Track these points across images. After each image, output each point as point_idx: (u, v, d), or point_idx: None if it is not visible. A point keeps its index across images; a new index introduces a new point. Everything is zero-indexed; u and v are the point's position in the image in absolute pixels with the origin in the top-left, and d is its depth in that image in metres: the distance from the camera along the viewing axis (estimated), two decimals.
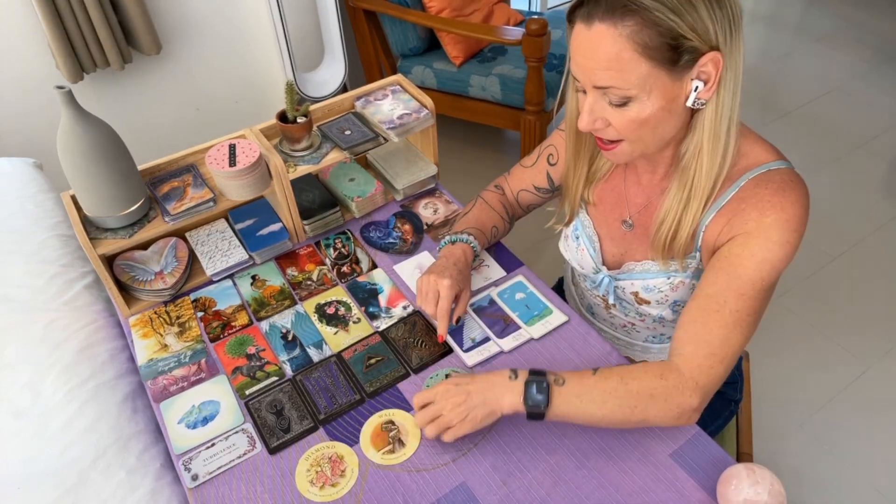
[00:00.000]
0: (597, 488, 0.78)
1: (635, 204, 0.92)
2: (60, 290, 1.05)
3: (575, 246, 0.99)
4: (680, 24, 0.68)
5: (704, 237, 0.83)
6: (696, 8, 0.68)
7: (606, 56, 0.70)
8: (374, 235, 1.13)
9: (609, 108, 0.75)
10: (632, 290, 0.92)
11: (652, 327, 0.99)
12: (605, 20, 0.69)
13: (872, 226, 2.11)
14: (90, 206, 0.94)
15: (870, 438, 1.58)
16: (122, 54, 1.76)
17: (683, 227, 0.83)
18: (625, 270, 0.93)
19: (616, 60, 0.70)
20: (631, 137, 0.77)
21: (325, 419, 0.87)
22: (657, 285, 0.89)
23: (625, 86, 0.72)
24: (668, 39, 0.69)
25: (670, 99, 0.74)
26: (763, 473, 0.72)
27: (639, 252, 0.92)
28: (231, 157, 1.00)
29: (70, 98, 0.87)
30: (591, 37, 0.71)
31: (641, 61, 0.70)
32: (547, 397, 0.77)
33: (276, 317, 1.01)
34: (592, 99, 0.76)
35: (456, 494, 0.79)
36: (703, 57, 0.71)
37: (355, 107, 1.16)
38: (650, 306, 0.92)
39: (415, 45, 2.16)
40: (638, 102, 0.73)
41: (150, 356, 0.96)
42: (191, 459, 0.83)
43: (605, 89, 0.73)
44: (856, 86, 2.73)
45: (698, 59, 0.71)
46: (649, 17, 0.68)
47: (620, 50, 0.69)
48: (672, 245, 0.85)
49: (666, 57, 0.70)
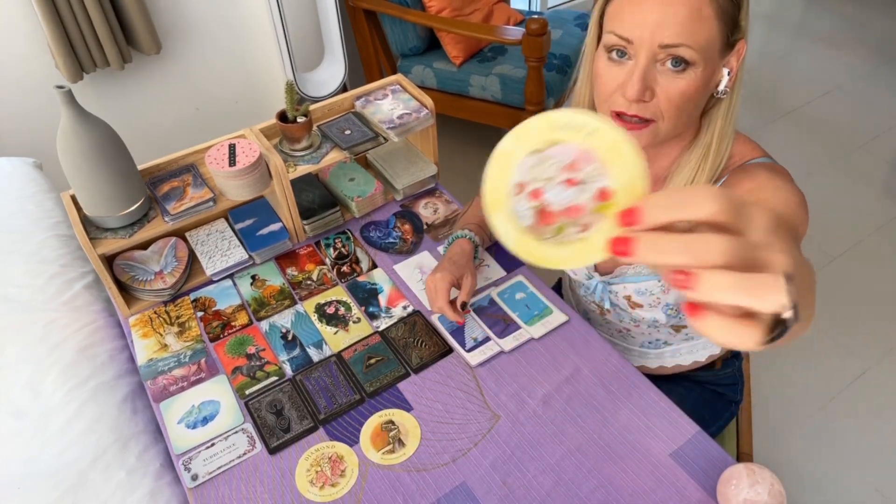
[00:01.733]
0: (597, 488, 0.78)
1: None
2: (60, 289, 1.05)
3: None
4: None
5: None
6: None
7: (688, 9, 0.67)
8: (374, 235, 1.13)
9: (660, 76, 0.71)
10: (625, 294, 0.92)
11: (647, 332, 0.99)
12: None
13: (872, 226, 2.11)
14: (90, 205, 0.94)
15: (870, 438, 1.57)
16: (121, 54, 1.76)
17: None
18: (617, 274, 0.93)
19: (696, 16, 0.67)
20: (670, 114, 0.74)
21: (325, 419, 0.87)
22: (649, 288, 0.89)
23: (695, 46, 0.68)
24: (737, 9, 0.68)
25: (712, 78, 0.72)
26: (763, 473, 0.72)
27: None
28: (231, 156, 1.00)
29: (70, 98, 0.87)
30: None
31: (715, 23, 0.68)
32: None
33: (275, 317, 1.01)
34: (647, 64, 0.70)
35: (456, 494, 0.79)
36: (739, 42, 0.70)
37: (355, 106, 1.16)
38: (643, 310, 0.92)
39: (415, 45, 2.16)
40: (694, 71, 0.70)
41: (150, 356, 0.96)
42: (190, 459, 0.83)
43: (673, 48, 0.68)
44: (856, 85, 2.73)
45: (737, 44, 0.70)
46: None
47: (702, 6, 0.67)
48: None
49: (730, 28, 0.69)
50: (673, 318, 0.92)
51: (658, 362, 1.03)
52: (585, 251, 0.36)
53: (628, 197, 0.35)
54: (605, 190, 0.36)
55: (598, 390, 0.88)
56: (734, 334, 0.32)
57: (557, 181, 0.37)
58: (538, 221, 0.37)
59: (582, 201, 0.36)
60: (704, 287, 0.31)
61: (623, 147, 0.35)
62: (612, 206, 0.35)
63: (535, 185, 0.37)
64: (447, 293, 0.92)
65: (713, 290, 0.31)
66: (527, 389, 0.89)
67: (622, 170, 0.35)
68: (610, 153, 0.35)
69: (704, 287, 0.31)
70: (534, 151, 0.37)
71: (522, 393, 0.89)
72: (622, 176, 0.35)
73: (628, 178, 0.35)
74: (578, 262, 0.36)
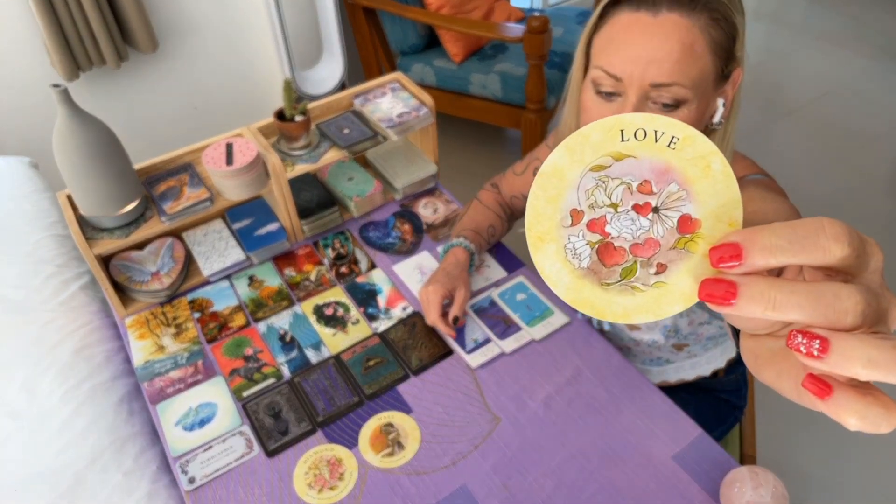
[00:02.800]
0: (598, 491, 0.78)
1: None
2: (56, 290, 1.04)
3: None
4: (739, 24, 0.65)
5: None
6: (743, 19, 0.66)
7: (681, 46, 0.64)
8: (373, 235, 1.12)
9: None
10: None
11: (648, 351, 0.98)
12: (676, 9, 0.64)
13: (874, 226, 2.10)
14: (86, 205, 0.93)
15: (873, 441, 1.57)
16: (118, 52, 1.75)
17: None
18: None
19: (689, 53, 0.64)
20: None
21: (323, 421, 0.86)
22: None
23: (688, 84, 0.65)
24: (730, 39, 0.65)
25: (706, 112, 0.69)
26: (766, 476, 0.72)
27: None
28: (228, 155, 0.99)
29: (66, 96, 0.86)
30: (659, 26, 0.64)
31: (709, 58, 0.65)
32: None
33: (273, 318, 1.00)
34: (637, 101, 0.67)
35: (456, 497, 0.78)
36: (735, 71, 0.67)
37: (354, 105, 1.15)
38: (641, 332, 0.91)
39: (414, 43, 2.15)
40: (687, 108, 0.67)
41: (147, 358, 0.95)
42: (188, 462, 0.82)
43: (664, 87, 0.65)
44: (859, 85, 2.72)
45: (732, 73, 0.67)
46: (721, 12, 0.64)
47: (695, 41, 0.64)
48: None
49: (723, 59, 0.66)
50: (672, 339, 0.92)
51: (661, 378, 1.02)
52: (665, 299, 0.28)
53: (720, 228, 0.27)
54: (690, 219, 0.28)
55: (600, 392, 0.87)
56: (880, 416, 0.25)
57: (626, 208, 0.28)
58: (600, 261, 0.29)
59: (659, 234, 0.28)
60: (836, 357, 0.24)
61: (713, 163, 0.27)
62: (699, 240, 0.27)
63: (597, 214, 0.29)
64: (439, 306, 0.92)
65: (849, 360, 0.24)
66: (528, 391, 0.88)
67: (712, 193, 0.27)
68: (696, 171, 0.27)
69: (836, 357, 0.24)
70: (595, 168, 0.29)
71: (523, 395, 0.88)
72: (712, 201, 0.27)
73: (720, 203, 0.27)
74: (655, 314, 0.29)
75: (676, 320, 0.88)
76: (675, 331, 0.90)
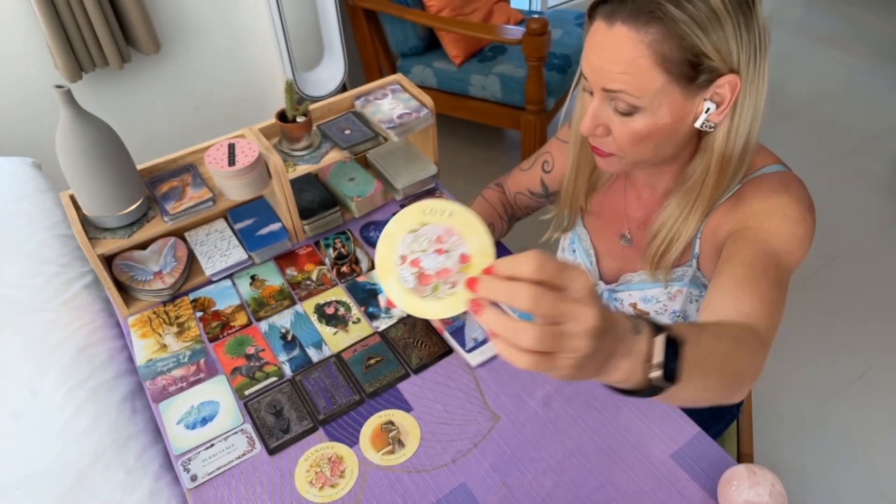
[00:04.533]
0: (597, 489, 0.78)
1: (634, 219, 0.91)
2: (59, 289, 1.05)
3: (571, 259, 0.98)
4: (704, 42, 0.66)
5: (703, 237, 0.82)
6: (723, 27, 0.66)
7: (623, 59, 0.67)
8: (374, 235, 1.13)
9: (613, 116, 0.73)
10: (630, 302, 0.92)
11: None
12: (628, 23, 0.66)
13: (872, 226, 2.11)
14: (89, 205, 0.93)
15: (870, 438, 1.57)
16: (120, 54, 1.76)
17: (677, 240, 0.81)
18: (623, 282, 0.92)
19: (632, 66, 0.67)
20: (627, 150, 0.75)
21: (324, 420, 0.87)
22: (655, 295, 0.89)
23: (636, 94, 0.69)
24: (690, 55, 0.66)
25: (678, 117, 0.71)
26: (764, 474, 0.72)
27: (636, 264, 0.92)
28: (230, 156, 0.99)
29: (69, 97, 0.86)
30: (611, 37, 0.68)
31: (657, 72, 0.67)
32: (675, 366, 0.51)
33: (275, 317, 1.00)
34: (598, 103, 0.73)
35: (456, 495, 0.78)
36: (720, 78, 0.68)
37: (355, 106, 1.16)
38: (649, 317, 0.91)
39: (415, 45, 2.16)
40: (644, 115, 0.71)
41: (149, 356, 0.96)
42: (190, 460, 0.83)
43: (615, 94, 0.70)
44: (856, 86, 2.73)
45: (715, 80, 0.69)
46: (674, 29, 0.65)
47: (638, 56, 0.67)
48: (663, 258, 0.84)
49: (683, 73, 0.68)
50: None
51: None
52: (456, 303, 0.48)
53: (483, 258, 0.47)
54: (465, 255, 0.48)
55: (599, 391, 0.88)
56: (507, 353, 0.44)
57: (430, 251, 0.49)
58: (419, 283, 0.49)
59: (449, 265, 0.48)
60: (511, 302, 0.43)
61: (475, 223, 0.48)
62: (471, 267, 0.47)
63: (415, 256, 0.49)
64: None
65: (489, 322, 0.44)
66: (527, 390, 0.89)
67: (475, 239, 0.48)
68: (466, 228, 0.48)
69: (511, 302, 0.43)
70: (410, 231, 0.50)
71: (523, 393, 0.89)
72: (476, 243, 0.48)
73: (481, 245, 0.48)
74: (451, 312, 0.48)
75: (686, 306, 0.89)
76: (684, 317, 0.90)
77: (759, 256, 0.72)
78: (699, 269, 0.85)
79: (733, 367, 0.60)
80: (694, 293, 0.88)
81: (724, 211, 0.79)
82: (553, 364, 0.43)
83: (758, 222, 0.75)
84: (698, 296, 0.88)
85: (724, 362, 0.59)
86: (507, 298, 0.42)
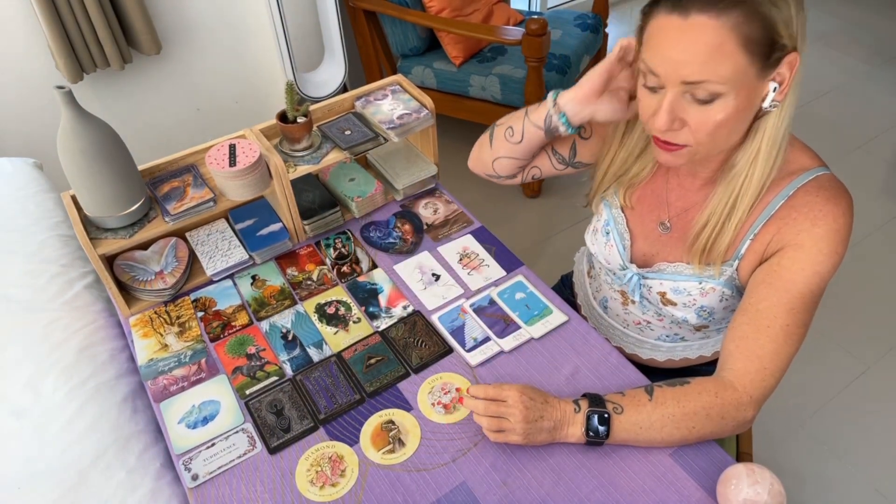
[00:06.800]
0: (596, 488, 0.78)
1: (675, 207, 0.90)
2: (61, 289, 1.05)
3: (604, 241, 0.97)
4: (777, 19, 0.67)
5: (752, 245, 0.82)
6: (788, 4, 0.68)
7: (707, 48, 0.67)
8: (374, 235, 1.13)
9: (690, 107, 0.72)
10: (659, 290, 0.91)
11: (668, 327, 0.98)
12: (706, 10, 0.66)
13: (872, 226, 2.11)
14: (90, 206, 0.94)
15: (870, 438, 1.58)
16: (121, 54, 1.76)
17: (726, 232, 0.82)
18: (655, 270, 0.92)
19: (717, 53, 0.67)
20: (703, 140, 0.74)
21: (325, 419, 0.87)
22: (687, 288, 0.88)
23: (720, 80, 0.68)
24: (771, 33, 0.68)
25: (751, 99, 0.72)
26: (763, 473, 0.72)
27: (672, 254, 0.91)
28: (231, 157, 1.00)
29: (70, 98, 0.87)
30: (689, 28, 0.67)
31: (741, 55, 0.68)
32: (607, 428, 0.79)
33: (276, 317, 1.01)
34: (674, 96, 0.72)
35: (456, 494, 0.79)
36: (787, 56, 0.70)
37: (355, 107, 1.16)
38: (675, 308, 0.91)
39: (415, 45, 2.16)
40: (724, 100, 0.70)
41: (151, 356, 0.96)
42: (191, 459, 0.83)
43: (696, 84, 0.69)
44: (855, 86, 2.73)
45: (783, 59, 0.70)
46: (753, 9, 0.66)
47: (723, 42, 0.67)
48: (711, 250, 0.84)
49: (763, 52, 0.68)
50: (703, 320, 0.92)
51: (668, 356, 1.02)
52: None
53: None
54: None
55: (598, 390, 0.88)
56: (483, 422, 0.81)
57: None
58: None
59: None
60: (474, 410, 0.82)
61: None
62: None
63: None
64: None
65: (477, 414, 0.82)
66: None
67: None
68: None
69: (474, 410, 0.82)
70: None
71: None
72: None
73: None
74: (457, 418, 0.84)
75: (715, 304, 0.89)
76: (710, 313, 0.91)
77: (773, 307, 0.78)
78: (737, 269, 0.85)
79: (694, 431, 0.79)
80: (727, 293, 0.87)
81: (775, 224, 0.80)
82: (507, 438, 0.80)
83: (789, 261, 0.78)
84: (730, 296, 0.88)
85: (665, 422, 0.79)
86: (474, 406, 0.82)
